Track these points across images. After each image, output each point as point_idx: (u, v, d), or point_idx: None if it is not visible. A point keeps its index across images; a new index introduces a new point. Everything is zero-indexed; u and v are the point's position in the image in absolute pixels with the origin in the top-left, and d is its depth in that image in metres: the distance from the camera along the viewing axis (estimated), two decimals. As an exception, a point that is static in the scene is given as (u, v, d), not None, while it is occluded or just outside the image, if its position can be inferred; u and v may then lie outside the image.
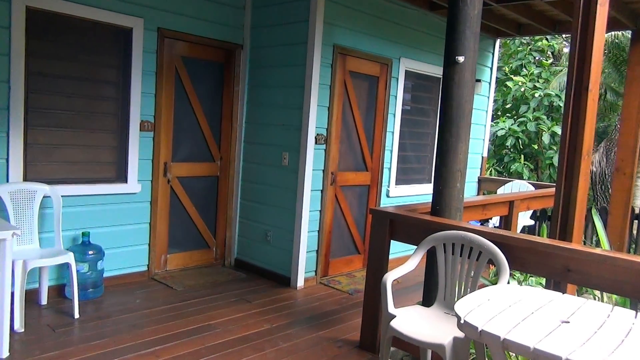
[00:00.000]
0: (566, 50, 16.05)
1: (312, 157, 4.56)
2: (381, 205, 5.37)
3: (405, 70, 5.40)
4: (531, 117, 11.29)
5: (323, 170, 4.72)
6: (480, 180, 6.85)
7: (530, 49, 13.13)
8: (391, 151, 5.41)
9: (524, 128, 11.38)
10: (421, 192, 5.89)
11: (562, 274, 2.59)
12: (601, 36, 3.02)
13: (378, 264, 3.25)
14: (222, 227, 5.12)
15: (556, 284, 3.04)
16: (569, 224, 3.03)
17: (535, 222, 6.46)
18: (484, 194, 6.94)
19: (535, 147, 11.62)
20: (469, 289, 2.83)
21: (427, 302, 3.16)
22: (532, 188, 6.40)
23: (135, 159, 4.32)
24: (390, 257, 3.36)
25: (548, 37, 13.35)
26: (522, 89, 11.85)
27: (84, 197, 4.06)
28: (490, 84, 6.70)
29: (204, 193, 4.98)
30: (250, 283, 4.68)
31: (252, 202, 5.02)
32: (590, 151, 3.09)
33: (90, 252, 3.93)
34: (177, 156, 4.70)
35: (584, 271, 2.52)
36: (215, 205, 5.07)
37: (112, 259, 4.26)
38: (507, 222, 4.83)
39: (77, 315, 3.57)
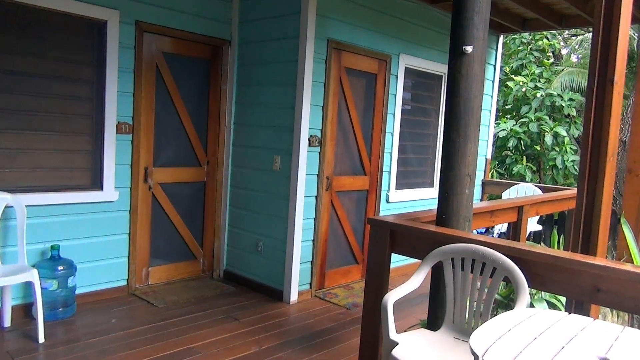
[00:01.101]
0: (565, 51, 15.77)
1: (306, 161, 4.21)
2: (381, 212, 5.02)
3: (405, 67, 5.06)
4: (533, 118, 10.97)
5: (317, 175, 4.36)
6: (484, 184, 6.50)
7: (530, 48, 12.82)
8: (391, 153, 5.06)
9: (526, 129, 11.05)
10: (423, 197, 5.55)
11: (591, 294, 2.23)
12: (627, 22, 2.68)
13: (377, 282, 2.89)
14: (209, 236, 4.76)
15: (578, 304, 2.69)
16: (592, 234, 2.67)
17: (543, 227, 6.11)
18: (488, 198, 6.59)
19: (538, 148, 11.29)
20: (481, 311, 2.48)
21: (433, 324, 2.80)
22: (540, 191, 6.05)
23: (111, 164, 3.96)
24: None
25: (549, 36, 13.06)
26: (523, 89, 11.53)
27: (54, 207, 3.70)
28: (493, 82, 6.36)
29: (189, 200, 4.62)
30: (239, 297, 4.31)
31: (242, 210, 4.67)
32: (616, 152, 2.74)
33: (60, 268, 3.57)
34: (159, 161, 4.34)
35: (617, 291, 2.16)
36: (202, 213, 4.71)
37: (86, 274, 3.90)
38: (515, 229, 4.48)
39: (42, 340, 3.21)
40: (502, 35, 6.37)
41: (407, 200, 5.33)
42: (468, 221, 2.85)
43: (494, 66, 6.36)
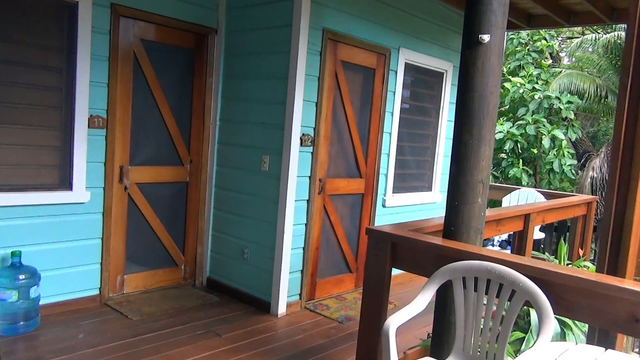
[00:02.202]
0: (564, 53, 15.56)
1: (297, 162, 3.86)
2: (376, 217, 4.68)
3: (405, 63, 4.72)
4: (530, 120, 10.71)
5: (309, 177, 4.02)
6: (484, 188, 6.18)
7: (528, 49, 12.56)
8: (388, 155, 4.73)
9: (523, 131, 10.81)
10: (421, 202, 5.22)
11: (627, 324, 1.91)
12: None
13: (376, 301, 2.55)
14: (191, 241, 4.39)
15: (602, 332, 2.38)
16: (622, 250, 2.36)
17: (546, 235, 5.82)
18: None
19: (535, 151, 11.05)
20: (497, 339, 2.15)
21: (438, 349, 2.47)
22: (542, 197, 5.76)
23: (82, 162, 3.59)
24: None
25: (547, 37, 12.83)
26: (521, 91, 11.26)
27: (15, 208, 3.32)
28: (496, 81, 6.03)
29: (170, 202, 4.26)
30: (222, 309, 3.96)
31: (227, 213, 4.31)
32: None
33: (21, 277, 3.19)
34: (137, 159, 3.97)
35: (659, 322, 1.85)
36: (183, 216, 4.34)
37: (53, 282, 3.53)
38: (521, 238, 4.17)
39: (-5, 360, 2.84)
40: (505, 32, 6.05)
41: (404, 205, 5.01)
42: (480, 234, 2.52)
43: (497, 64, 6.04)
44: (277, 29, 3.88)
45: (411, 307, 2.25)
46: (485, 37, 2.39)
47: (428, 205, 5.31)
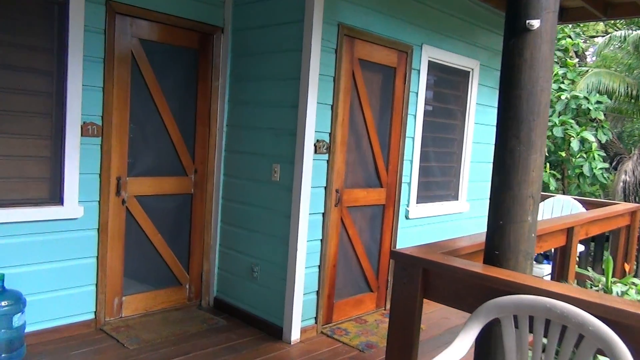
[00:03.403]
0: (591, 50, 14.94)
1: (311, 171, 3.48)
2: (399, 230, 4.27)
3: (429, 61, 4.31)
4: (557, 122, 10.17)
5: (325, 188, 3.63)
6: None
7: (553, 47, 12.02)
8: (411, 162, 4.32)
9: (550, 133, 10.26)
10: (447, 212, 4.80)
11: None
12: None
13: (404, 340, 2.14)
14: (197, 258, 4.04)
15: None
16: None
17: (585, 247, 5.33)
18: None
19: (563, 154, 10.49)
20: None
21: (482, 400, 2.05)
22: (580, 206, 5.28)
23: (74, 173, 3.25)
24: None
25: (572, 35, 12.29)
26: (547, 91, 10.72)
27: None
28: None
29: (173, 216, 3.91)
30: (230, 335, 3.58)
31: (236, 227, 3.94)
32: None
33: (3, 304, 2.85)
34: (136, 169, 3.63)
35: None
36: (188, 231, 3.99)
37: (42, 307, 3.20)
38: (564, 254, 3.72)
39: (-33, 403, 2.50)
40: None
41: (429, 216, 4.58)
42: (530, 259, 2.11)
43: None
44: (288, 25, 3.52)
45: (451, 351, 1.85)
46: (535, 23, 1.98)
47: (455, 215, 4.88)
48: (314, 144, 3.48)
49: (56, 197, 3.23)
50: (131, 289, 3.70)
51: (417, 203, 4.44)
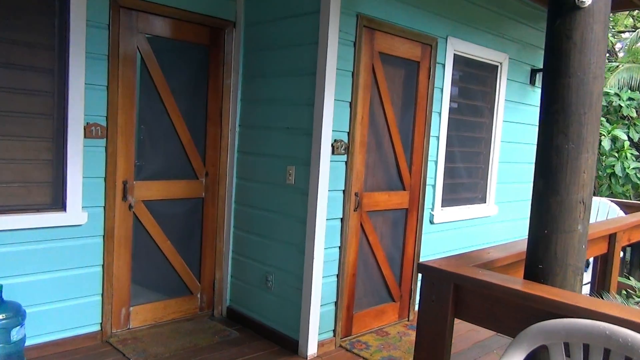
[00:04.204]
0: (619, 45, 14.35)
1: (328, 173, 3.24)
2: (423, 236, 3.99)
3: (454, 54, 4.03)
4: (588, 120, 9.71)
5: (343, 191, 3.38)
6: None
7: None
8: (436, 162, 4.04)
9: (580, 132, 9.82)
10: (474, 216, 4.50)
11: None
12: None
13: (435, 366, 1.88)
14: (209, 266, 3.83)
15: None
16: None
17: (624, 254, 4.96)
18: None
19: (593, 154, 10.03)
20: None
21: None
22: (617, 208, 4.93)
23: (77, 177, 3.07)
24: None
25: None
26: (576, 88, 10.28)
27: (-3, 234, 2.83)
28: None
29: (183, 221, 3.71)
30: (243, 348, 3.36)
31: (249, 234, 3.72)
32: None
33: (1, 317, 2.68)
34: (143, 172, 3.44)
35: None
36: (199, 237, 3.78)
37: (45, 319, 3.03)
38: (605, 262, 3.40)
39: None
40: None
41: (455, 221, 4.29)
42: (580, 274, 1.82)
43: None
44: (303, 17, 3.29)
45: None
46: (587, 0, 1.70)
47: (482, 219, 4.57)
48: (332, 144, 3.24)
49: (58, 202, 3.05)
50: (139, 299, 3.51)
51: (442, 207, 4.16)
